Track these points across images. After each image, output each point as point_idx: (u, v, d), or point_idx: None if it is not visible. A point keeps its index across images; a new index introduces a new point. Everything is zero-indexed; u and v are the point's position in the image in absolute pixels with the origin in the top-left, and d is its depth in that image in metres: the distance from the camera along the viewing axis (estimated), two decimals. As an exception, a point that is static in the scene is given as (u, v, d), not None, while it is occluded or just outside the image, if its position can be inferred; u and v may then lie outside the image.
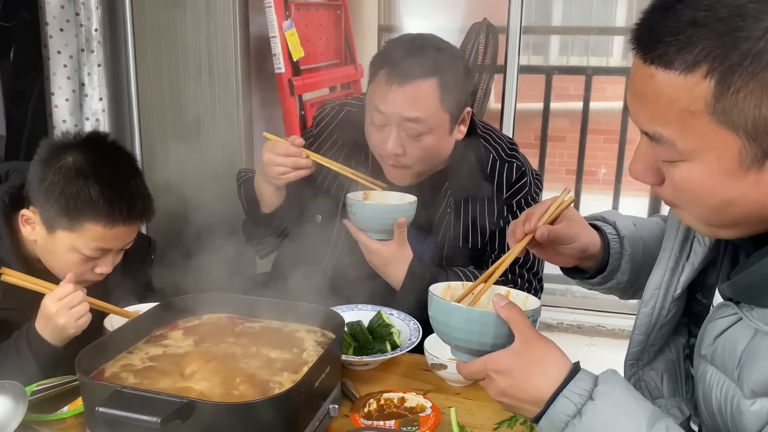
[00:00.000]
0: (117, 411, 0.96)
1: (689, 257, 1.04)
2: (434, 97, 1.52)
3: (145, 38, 2.51)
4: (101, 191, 1.34)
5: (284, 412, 1.03)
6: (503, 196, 1.67)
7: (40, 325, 1.29)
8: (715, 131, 0.78)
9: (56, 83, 2.45)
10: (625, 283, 1.26)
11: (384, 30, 4.00)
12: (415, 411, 1.25)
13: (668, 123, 0.81)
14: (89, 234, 1.36)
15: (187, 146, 2.56)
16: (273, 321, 1.37)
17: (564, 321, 3.54)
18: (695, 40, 0.76)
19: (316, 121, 1.82)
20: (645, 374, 1.15)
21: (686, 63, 0.76)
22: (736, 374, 0.87)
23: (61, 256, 1.38)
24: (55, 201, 1.34)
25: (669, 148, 0.82)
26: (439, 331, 1.05)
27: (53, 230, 1.37)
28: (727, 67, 0.74)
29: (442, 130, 1.57)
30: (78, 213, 1.34)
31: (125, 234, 1.41)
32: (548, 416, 0.91)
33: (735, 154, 0.78)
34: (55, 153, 1.37)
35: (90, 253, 1.37)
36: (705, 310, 1.02)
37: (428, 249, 1.71)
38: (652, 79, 0.80)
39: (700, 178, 0.82)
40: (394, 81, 1.51)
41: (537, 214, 1.13)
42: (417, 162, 1.59)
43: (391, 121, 1.54)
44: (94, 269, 1.42)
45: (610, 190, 3.89)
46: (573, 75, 4.62)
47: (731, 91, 0.75)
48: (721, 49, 0.74)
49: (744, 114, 0.75)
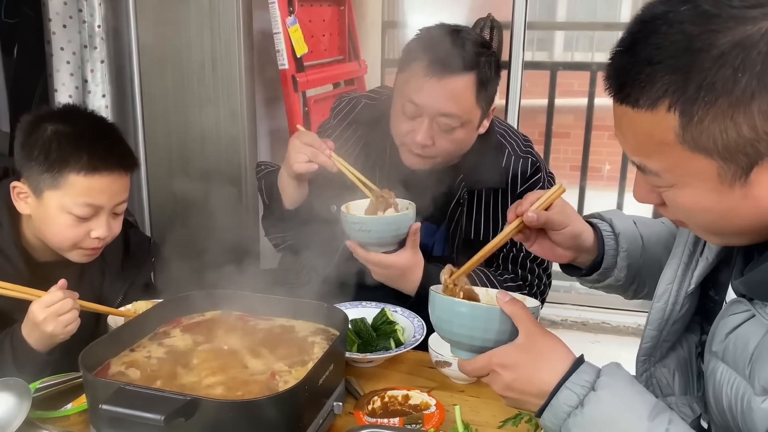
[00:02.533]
0: (121, 408, 0.96)
1: (703, 252, 1.04)
2: (471, 93, 1.51)
3: (148, 34, 2.50)
4: (77, 141, 1.36)
5: (288, 409, 1.03)
6: (517, 190, 1.66)
7: (27, 329, 1.27)
8: (691, 158, 0.81)
9: (59, 80, 2.46)
10: (623, 280, 1.25)
11: (388, 26, 3.99)
12: (420, 408, 1.25)
13: (649, 155, 0.85)
14: (75, 188, 1.35)
15: (190, 142, 2.56)
16: (277, 318, 1.36)
17: (568, 318, 3.54)
18: (653, 77, 0.80)
19: (334, 113, 1.81)
20: (657, 371, 1.15)
21: (650, 100, 0.81)
22: (747, 371, 0.86)
23: (53, 219, 1.37)
24: (35, 159, 1.35)
25: (656, 177, 0.87)
26: (441, 328, 1.05)
27: (41, 193, 1.36)
28: (686, 99, 0.78)
29: (473, 125, 1.57)
30: (59, 165, 1.34)
31: (111, 186, 1.39)
32: (551, 407, 0.91)
33: (714, 175, 0.81)
34: (35, 122, 1.40)
35: (80, 211, 1.36)
36: (718, 307, 1.02)
37: (439, 240, 1.70)
38: (626, 116, 0.85)
39: (692, 199, 0.86)
40: (433, 74, 1.49)
41: (529, 200, 1.15)
42: (442, 154, 1.58)
43: (424, 113, 1.52)
44: (90, 233, 1.40)
45: (615, 186, 3.88)
46: (577, 71, 4.61)
47: (695, 120, 0.78)
48: (679, 83, 0.78)
49: (713, 139, 0.78)
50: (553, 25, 4.92)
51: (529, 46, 3.45)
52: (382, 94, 1.78)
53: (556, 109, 3.87)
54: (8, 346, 1.28)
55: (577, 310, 3.56)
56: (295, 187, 1.60)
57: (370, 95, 1.81)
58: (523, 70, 3.20)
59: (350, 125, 1.75)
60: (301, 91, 2.76)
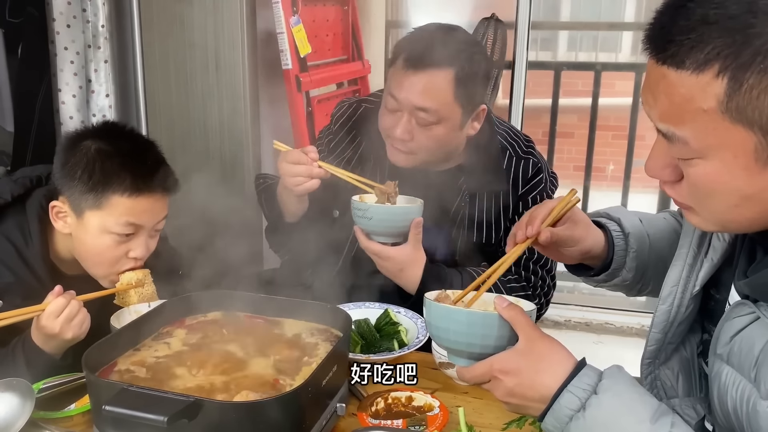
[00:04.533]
0: (123, 410, 0.96)
1: (708, 253, 1.03)
2: (448, 88, 1.50)
3: (151, 34, 2.51)
4: (122, 163, 1.36)
5: (291, 411, 1.02)
6: (518, 192, 1.66)
7: (39, 341, 1.26)
8: (729, 129, 0.77)
9: (63, 79, 2.46)
10: (630, 280, 1.25)
11: (391, 26, 3.99)
12: (423, 410, 1.24)
13: (681, 122, 0.80)
14: (117, 208, 1.35)
15: (193, 142, 2.56)
16: (280, 318, 1.36)
17: (572, 318, 3.53)
18: (706, 38, 0.75)
19: (335, 118, 1.81)
20: (661, 373, 1.14)
21: (698, 62, 0.76)
22: (752, 374, 0.86)
23: (93, 240, 1.37)
24: (79, 179, 1.35)
25: (683, 146, 0.82)
26: (438, 336, 1.03)
27: (82, 213, 1.36)
28: (739, 64, 0.74)
29: (452, 123, 1.55)
30: (103, 186, 1.34)
31: (153, 207, 1.40)
32: (553, 411, 0.91)
33: (750, 150, 0.78)
34: (75, 139, 1.39)
35: (121, 229, 1.36)
36: (719, 306, 1.01)
37: (441, 243, 1.69)
38: (664, 79, 0.80)
39: (717, 175, 0.81)
40: (410, 67, 1.50)
41: (540, 217, 1.13)
42: (423, 150, 1.57)
43: (403, 107, 1.53)
44: (129, 253, 1.40)
45: (619, 186, 3.87)
46: (581, 71, 4.60)
47: (744, 88, 0.74)
48: (733, 47, 0.74)
49: (759, 110, 0.75)
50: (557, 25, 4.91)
51: (533, 45, 3.44)
52: (381, 97, 1.79)
53: (560, 109, 3.86)
54: (20, 353, 1.27)
55: (580, 310, 3.55)
56: (296, 202, 1.63)
57: (370, 99, 1.81)
58: (527, 70, 3.20)
59: (351, 131, 1.75)
60: (305, 91, 2.75)
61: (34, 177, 1.47)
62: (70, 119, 2.48)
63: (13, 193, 1.41)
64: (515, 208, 1.66)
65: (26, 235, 1.38)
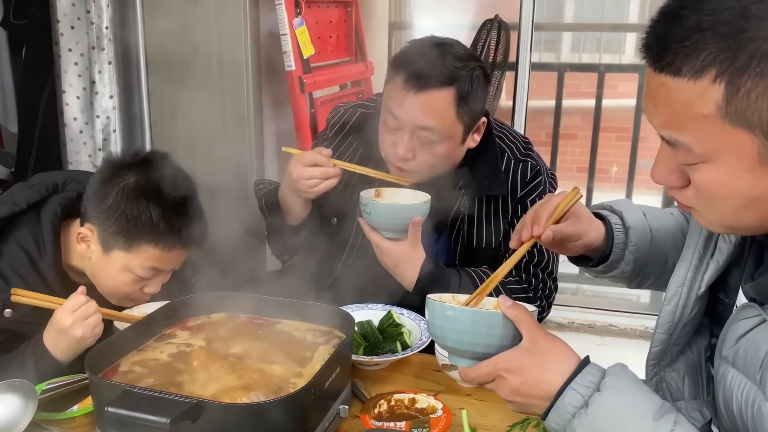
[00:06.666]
0: (126, 411, 0.96)
1: (714, 254, 1.03)
2: (450, 107, 1.50)
3: (155, 36, 2.51)
4: (162, 214, 1.36)
5: (294, 412, 1.02)
6: (517, 196, 1.65)
7: (51, 340, 1.27)
8: (730, 133, 0.78)
9: (67, 81, 2.47)
10: (629, 272, 1.25)
11: (395, 27, 3.99)
12: (426, 412, 1.24)
13: (683, 128, 0.81)
14: (145, 255, 1.37)
15: (197, 143, 2.56)
16: (283, 320, 1.36)
17: (575, 320, 3.52)
18: (701, 45, 0.76)
19: (330, 123, 1.81)
20: (666, 375, 1.14)
21: (694, 69, 0.77)
22: (758, 377, 0.85)
23: (114, 275, 1.39)
24: (116, 221, 1.35)
25: (687, 152, 0.82)
26: (441, 336, 1.03)
27: (109, 250, 1.37)
28: (735, 69, 0.75)
29: (454, 140, 1.55)
30: (137, 234, 1.35)
31: (180, 256, 1.43)
32: (556, 408, 0.91)
33: (754, 152, 0.78)
34: (116, 171, 1.38)
35: (143, 273, 1.38)
36: (727, 309, 1.01)
37: (441, 248, 1.69)
38: (663, 86, 0.81)
39: (723, 179, 0.82)
40: (411, 88, 1.48)
41: (545, 215, 1.13)
42: (424, 168, 1.58)
43: (404, 127, 1.52)
44: (143, 289, 1.42)
45: (623, 188, 3.86)
46: (585, 72, 4.58)
47: (742, 92, 0.75)
48: (728, 52, 0.75)
49: (758, 113, 0.75)
50: (561, 26, 4.90)
51: (536, 47, 3.44)
52: (378, 102, 1.77)
53: (563, 110, 3.85)
54: (30, 357, 1.27)
55: (584, 312, 3.54)
56: (302, 204, 1.63)
57: (366, 104, 1.81)
58: (530, 72, 3.19)
59: (347, 136, 1.75)
60: (308, 92, 2.75)
61: (50, 184, 1.46)
62: (74, 120, 2.49)
63: (29, 200, 1.41)
64: (514, 212, 1.66)
65: (39, 244, 1.38)
